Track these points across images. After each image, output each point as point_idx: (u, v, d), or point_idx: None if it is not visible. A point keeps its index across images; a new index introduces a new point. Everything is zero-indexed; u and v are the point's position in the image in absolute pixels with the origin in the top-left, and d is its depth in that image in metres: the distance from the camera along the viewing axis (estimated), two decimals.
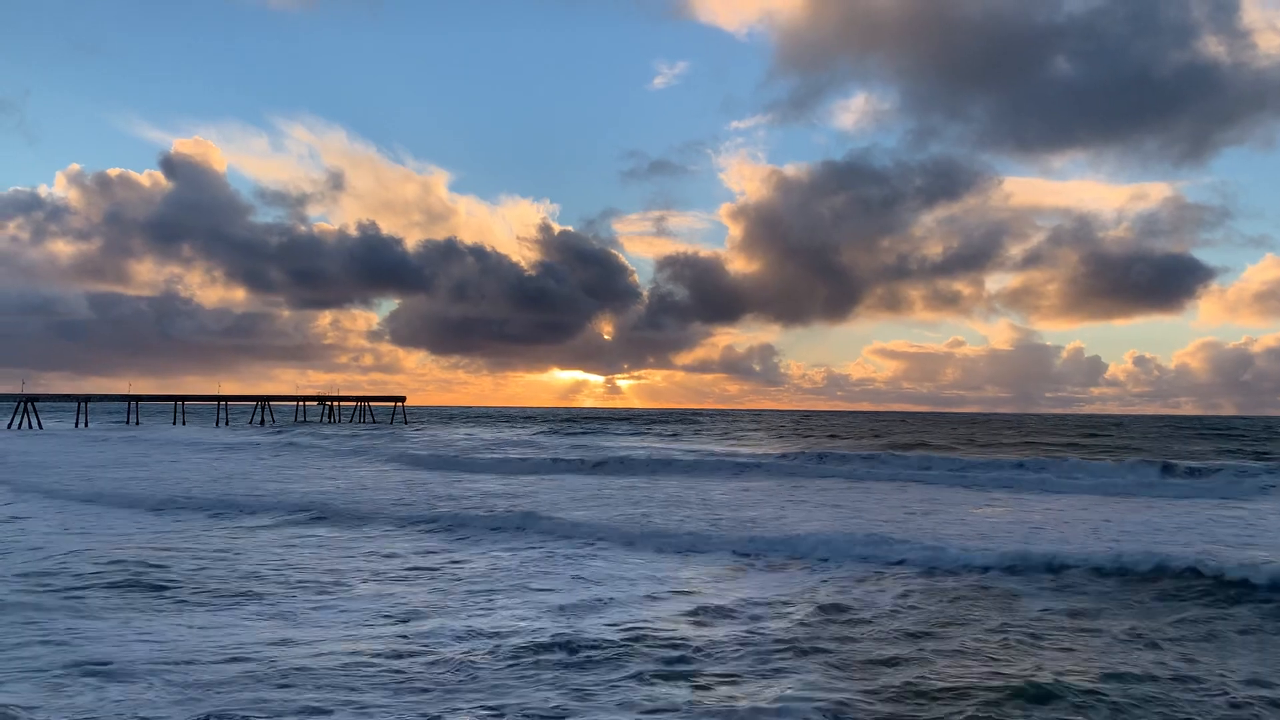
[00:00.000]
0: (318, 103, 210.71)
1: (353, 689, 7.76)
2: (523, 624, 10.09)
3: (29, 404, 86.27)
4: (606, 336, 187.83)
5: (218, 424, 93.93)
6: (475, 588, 12.37)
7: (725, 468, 34.96)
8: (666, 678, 8.17)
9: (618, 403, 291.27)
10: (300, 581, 12.72)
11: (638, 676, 8.18)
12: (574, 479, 31.43)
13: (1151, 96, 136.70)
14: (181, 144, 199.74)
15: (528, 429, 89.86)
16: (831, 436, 75.18)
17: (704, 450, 48.61)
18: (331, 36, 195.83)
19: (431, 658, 8.75)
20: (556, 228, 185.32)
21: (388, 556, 15.07)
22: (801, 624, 10.17)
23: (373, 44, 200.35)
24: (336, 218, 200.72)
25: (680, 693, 7.72)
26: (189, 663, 8.44)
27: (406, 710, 7.23)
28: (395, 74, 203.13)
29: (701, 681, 8.04)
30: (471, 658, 8.73)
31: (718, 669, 8.40)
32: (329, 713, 7.17)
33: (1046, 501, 24.19)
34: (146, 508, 21.84)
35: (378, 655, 8.82)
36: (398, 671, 8.29)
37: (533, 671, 8.32)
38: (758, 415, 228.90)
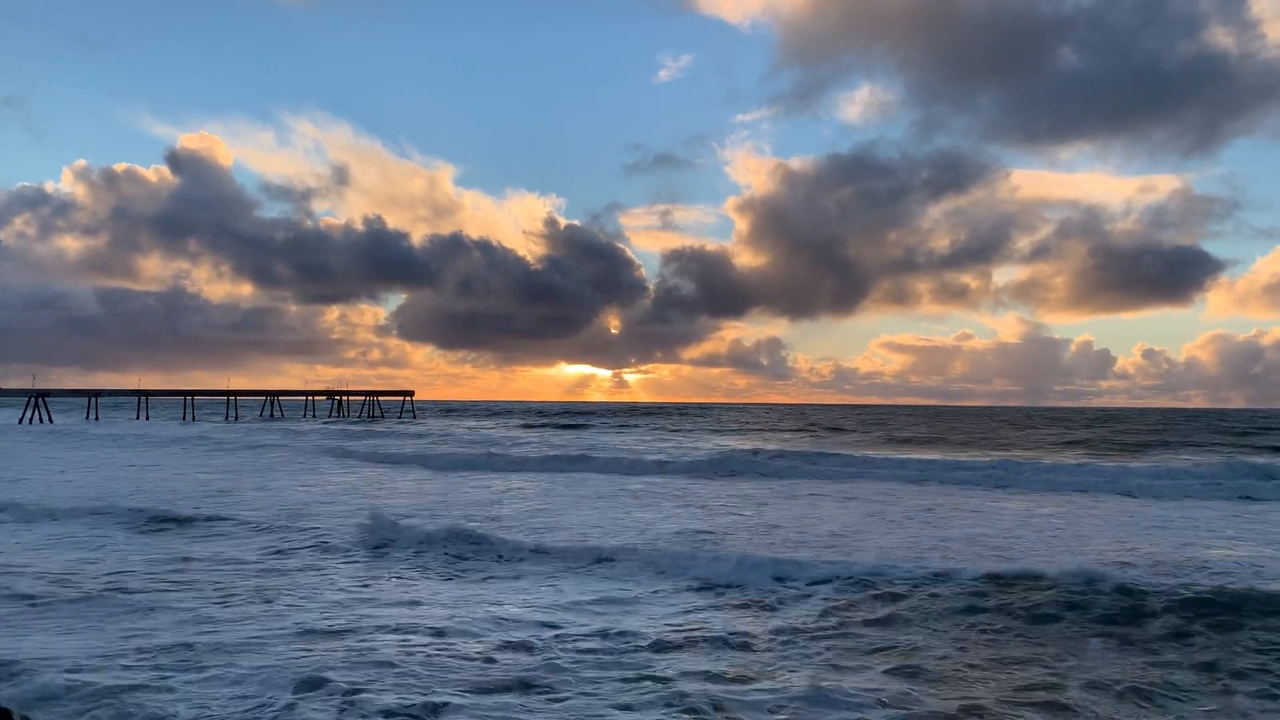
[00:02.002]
0: (324, 98, 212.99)
1: None
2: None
3: (39, 399, 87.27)
4: (613, 331, 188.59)
5: (227, 419, 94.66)
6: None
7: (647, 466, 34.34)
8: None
9: (625, 397, 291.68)
10: None
11: None
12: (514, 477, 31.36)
13: (1159, 88, 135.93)
14: (187, 139, 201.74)
15: (509, 423, 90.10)
16: (834, 429, 74.85)
17: (669, 447, 48.22)
18: (337, 32, 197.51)
19: None
20: (563, 222, 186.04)
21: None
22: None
23: (378, 39, 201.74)
24: (343, 212, 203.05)
25: None
26: None
27: None
28: (401, 69, 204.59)
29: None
30: None
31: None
32: None
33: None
34: None
35: None
36: None
37: None
38: (769, 409, 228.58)
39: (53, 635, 9.77)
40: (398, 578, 13.37)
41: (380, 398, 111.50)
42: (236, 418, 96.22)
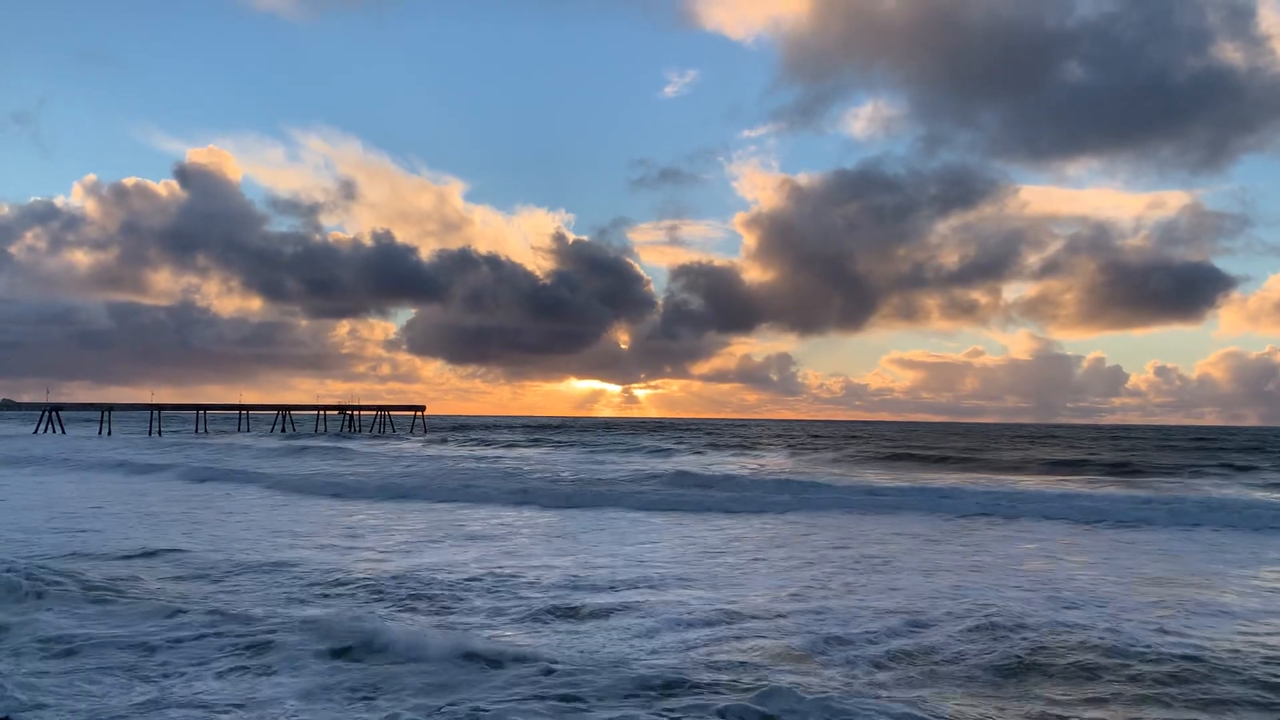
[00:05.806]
0: (333, 113, 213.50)
1: None
2: None
3: (53, 413, 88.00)
4: (623, 346, 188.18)
5: (239, 429, 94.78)
6: None
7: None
8: None
9: (636, 412, 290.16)
10: None
11: None
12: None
13: (1167, 103, 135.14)
14: (196, 154, 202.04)
15: (466, 438, 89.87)
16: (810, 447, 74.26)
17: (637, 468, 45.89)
18: (346, 47, 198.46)
19: None
20: (571, 237, 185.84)
21: None
22: None
23: (387, 55, 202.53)
24: (351, 227, 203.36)
25: None
26: None
27: None
28: (410, 85, 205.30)
29: None
30: None
31: None
32: None
33: None
34: None
35: None
36: None
37: None
38: (776, 425, 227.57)
39: None
40: None
41: (392, 412, 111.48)
42: (249, 430, 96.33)
